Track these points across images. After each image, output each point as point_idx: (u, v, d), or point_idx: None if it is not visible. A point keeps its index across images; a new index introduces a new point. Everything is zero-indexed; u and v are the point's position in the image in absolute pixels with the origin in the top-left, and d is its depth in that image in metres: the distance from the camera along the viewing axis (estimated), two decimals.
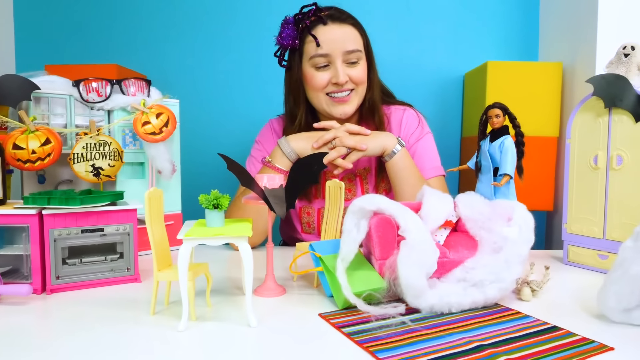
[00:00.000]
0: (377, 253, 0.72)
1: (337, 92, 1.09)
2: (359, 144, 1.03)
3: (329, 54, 1.07)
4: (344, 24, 1.08)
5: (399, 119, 1.20)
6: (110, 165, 0.95)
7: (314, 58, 1.08)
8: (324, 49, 1.06)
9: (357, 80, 1.10)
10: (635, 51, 0.85)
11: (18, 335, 0.60)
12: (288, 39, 1.09)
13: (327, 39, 1.06)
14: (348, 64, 1.09)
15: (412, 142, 1.18)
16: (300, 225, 1.22)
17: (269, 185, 0.73)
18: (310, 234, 1.21)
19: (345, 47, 1.07)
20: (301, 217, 1.21)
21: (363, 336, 0.59)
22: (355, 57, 1.09)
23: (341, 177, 1.17)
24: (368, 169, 1.18)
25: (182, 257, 0.61)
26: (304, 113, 1.15)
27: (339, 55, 1.07)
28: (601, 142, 0.89)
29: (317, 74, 1.09)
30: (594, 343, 0.58)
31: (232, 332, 0.61)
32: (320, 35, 1.06)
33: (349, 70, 1.09)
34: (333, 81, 1.08)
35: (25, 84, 0.88)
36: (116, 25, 1.69)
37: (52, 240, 0.76)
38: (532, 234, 0.73)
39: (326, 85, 1.09)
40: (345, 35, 1.07)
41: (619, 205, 0.87)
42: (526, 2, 1.69)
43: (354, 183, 1.18)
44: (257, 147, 1.23)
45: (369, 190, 1.18)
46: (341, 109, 1.11)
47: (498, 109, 0.81)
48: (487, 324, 0.64)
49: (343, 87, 1.08)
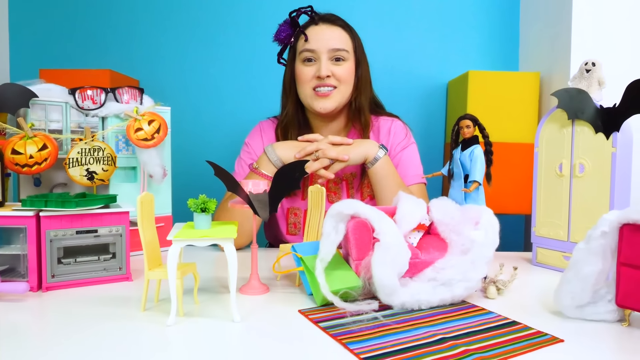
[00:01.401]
0: (354, 254, 0.78)
1: (321, 87, 1.16)
2: (340, 155, 1.09)
3: (316, 50, 1.15)
4: (333, 26, 1.17)
5: (387, 129, 1.27)
6: (104, 169, 1.00)
7: (302, 52, 1.16)
8: (311, 44, 1.15)
9: (340, 77, 1.16)
10: (596, 67, 0.91)
11: (15, 331, 0.65)
12: (282, 34, 1.18)
13: (315, 36, 1.15)
14: (334, 61, 1.16)
15: (397, 150, 1.25)
16: (286, 227, 1.27)
17: (253, 191, 0.78)
18: (294, 235, 1.26)
19: (331, 45, 1.15)
20: (288, 217, 1.26)
21: (337, 330, 0.64)
22: (340, 56, 1.16)
23: (328, 182, 1.22)
24: (354, 174, 1.24)
25: (171, 256, 0.66)
26: (293, 106, 1.23)
27: (324, 52, 1.15)
28: (565, 151, 0.96)
29: (304, 68, 1.17)
30: (547, 336, 0.64)
31: (218, 327, 0.66)
32: (310, 33, 1.16)
33: (334, 67, 1.16)
34: (317, 75, 1.15)
35: (24, 92, 0.93)
36: (110, 31, 1.73)
37: (49, 240, 0.81)
38: (497, 237, 0.79)
39: (311, 79, 1.16)
40: (333, 34, 1.16)
41: (581, 210, 0.94)
42: (507, 14, 1.76)
43: (340, 187, 1.24)
44: (245, 149, 1.29)
45: (354, 195, 1.23)
46: (322, 103, 1.17)
47: (469, 120, 0.87)
48: (452, 319, 0.69)
49: (325, 81, 1.15)
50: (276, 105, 1.32)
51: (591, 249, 0.67)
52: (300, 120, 1.24)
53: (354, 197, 1.23)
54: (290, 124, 1.23)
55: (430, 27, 1.76)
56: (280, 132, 1.24)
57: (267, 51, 1.72)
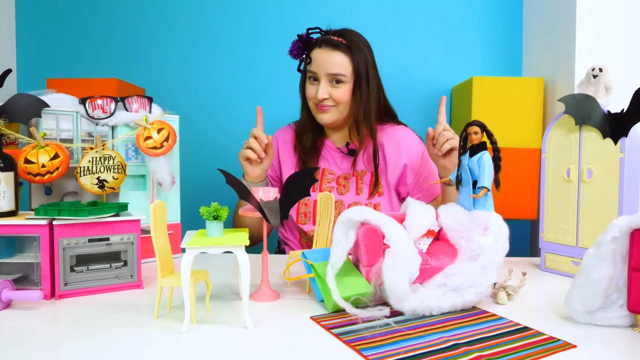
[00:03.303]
0: (364, 260, 0.78)
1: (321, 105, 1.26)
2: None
3: (316, 72, 1.24)
4: (334, 51, 1.22)
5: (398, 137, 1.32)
6: (114, 177, 1.01)
7: (308, 72, 1.26)
8: (313, 67, 1.24)
9: (336, 100, 1.24)
10: (603, 73, 0.92)
11: (29, 338, 0.65)
12: (293, 52, 1.25)
13: (317, 60, 1.23)
14: (333, 83, 1.24)
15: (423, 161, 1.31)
16: (297, 216, 1.31)
17: (264, 198, 0.79)
18: (305, 224, 1.30)
19: (328, 70, 1.22)
20: (299, 207, 1.30)
21: (350, 336, 0.65)
22: (339, 79, 1.23)
23: (338, 176, 1.30)
24: (365, 171, 1.30)
25: (185, 264, 0.67)
26: (307, 112, 1.33)
27: (323, 75, 1.23)
28: (573, 157, 0.96)
29: (308, 86, 1.27)
30: (559, 341, 0.64)
31: (231, 334, 0.67)
32: (313, 56, 1.23)
33: (332, 89, 1.24)
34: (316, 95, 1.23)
35: (36, 102, 0.94)
36: (116, 39, 1.75)
37: (62, 249, 0.82)
38: (507, 243, 0.79)
39: (313, 96, 1.26)
40: (332, 60, 1.22)
41: (589, 215, 0.94)
42: (510, 20, 1.77)
43: (349, 181, 1.30)
44: None
45: (363, 190, 1.29)
46: (320, 116, 1.27)
47: (476, 126, 0.87)
48: (464, 325, 0.70)
49: (323, 102, 1.24)
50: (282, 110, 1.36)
51: (601, 255, 0.68)
52: (315, 126, 1.33)
53: (362, 192, 1.29)
54: (305, 129, 1.32)
55: (434, 33, 1.77)
56: (298, 134, 1.34)
57: (272, 57, 1.75)
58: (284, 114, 1.65)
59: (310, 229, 1.29)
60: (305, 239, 1.32)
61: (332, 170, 1.32)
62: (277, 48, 1.72)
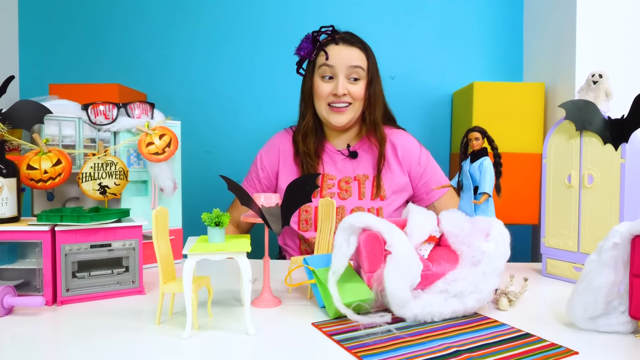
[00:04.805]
0: (366, 266, 0.78)
1: (336, 103, 1.23)
2: None
3: (334, 66, 1.22)
4: (352, 47, 1.24)
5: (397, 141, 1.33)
6: (116, 183, 1.01)
7: (322, 67, 1.23)
8: (331, 61, 1.22)
9: (355, 96, 1.23)
10: (603, 79, 0.92)
11: (31, 345, 0.65)
12: (304, 51, 1.25)
13: (335, 54, 1.22)
14: (349, 80, 1.23)
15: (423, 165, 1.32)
16: (298, 224, 1.30)
17: (265, 204, 0.79)
18: (306, 231, 1.29)
19: (349, 63, 1.22)
20: (300, 215, 1.29)
21: (352, 343, 0.65)
22: (356, 74, 1.23)
23: (339, 180, 1.30)
24: (367, 175, 1.30)
25: (187, 270, 0.67)
26: (312, 115, 1.30)
27: (342, 69, 1.22)
28: (574, 162, 0.96)
29: (322, 84, 1.24)
30: (561, 348, 0.64)
31: (232, 340, 0.67)
32: (331, 51, 1.23)
33: (350, 85, 1.23)
34: (333, 92, 1.22)
35: (39, 108, 0.95)
36: (118, 45, 1.76)
37: (64, 255, 0.82)
38: (508, 248, 0.79)
39: (328, 95, 1.24)
40: (352, 54, 1.23)
41: (591, 221, 0.94)
42: (511, 25, 1.77)
43: (351, 185, 1.30)
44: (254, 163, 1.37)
45: (365, 193, 1.28)
46: (336, 118, 1.25)
47: (477, 132, 0.88)
48: (466, 331, 0.70)
49: (341, 98, 1.22)
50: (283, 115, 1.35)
51: (603, 261, 0.68)
52: (317, 129, 1.32)
53: (365, 196, 1.28)
54: (310, 132, 1.30)
55: (435, 38, 1.78)
56: (300, 139, 1.30)
57: (274, 63, 1.75)
58: (285, 118, 1.66)
59: (311, 235, 1.28)
60: (305, 245, 1.31)
61: (332, 175, 1.31)
62: (279, 54, 1.72)
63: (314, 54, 1.24)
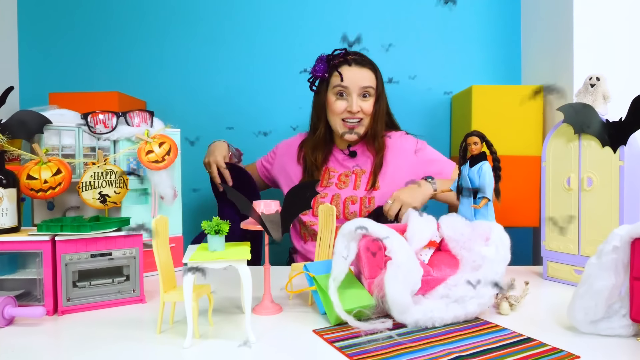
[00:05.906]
0: (366, 272, 0.78)
1: (350, 119, 1.35)
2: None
3: (348, 87, 1.34)
4: (363, 68, 1.36)
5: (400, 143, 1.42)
6: (116, 192, 1.01)
7: (336, 87, 1.35)
8: (345, 82, 1.34)
9: (366, 112, 1.36)
10: (600, 82, 0.93)
11: (32, 355, 0.65)
12: (320, 71, 1.37)
13: (349, 76, 1.34)
14: (361, 97, 1.35)
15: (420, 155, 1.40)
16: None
17: (265, 211, 0.79)
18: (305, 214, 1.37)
19: (361, 83, 1.34)
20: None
21: (353, 349, 0.65)
22: (367, 92, 1.35)
23: (340, 173, 1.39)
24: (364, 170, 1.38)
25: (187, 280, 0.67)
26: (324, 128, 1.41)
27: (355, 89, 1.34)
28: (573, 165, 0.97)
29: (337, 102, 1.35)
30: (563, 352, 0.64)
31: (234, 349, 0.66)
32: (344, 73, 1.34)
33: (361, 102, 1.35)
34: (348, 109, 1.34)
35: (38, 118, 0.95)
36: (117, 53, 1.76)
37: (64, 264, 0.82)
38: (508, 253, 0.79)
39: (342, 112, 1.35)
40: (363, 75, 1.35)
41: (591, 224, 0.94)
42: (509, 29, 1.78)
43: (349, 178, 1.39)
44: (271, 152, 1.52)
45: (359, 185, 1.36)
46: (349, 134, 1.37)
47: (476, 137, 0.88)
48: (467, 336, 0.70)
49: (355, 115, 1.34)
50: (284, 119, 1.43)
51: (603, 264, 0.68)
52: (327, 140, 1.43)
53: (360, 187, 1.36)
54: (320, 143, 1.41)
55: (433, 42, 1.78)
56: (310, 148, 1.41)
57: (275, 70, 1.76)
58: (283, 123, 1.66)
59: (309, 219, 1.35)
60: (304, 229, 1.37)
61: (334, 169, 1.40)
62: (280, 62, 1.74)
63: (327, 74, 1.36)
